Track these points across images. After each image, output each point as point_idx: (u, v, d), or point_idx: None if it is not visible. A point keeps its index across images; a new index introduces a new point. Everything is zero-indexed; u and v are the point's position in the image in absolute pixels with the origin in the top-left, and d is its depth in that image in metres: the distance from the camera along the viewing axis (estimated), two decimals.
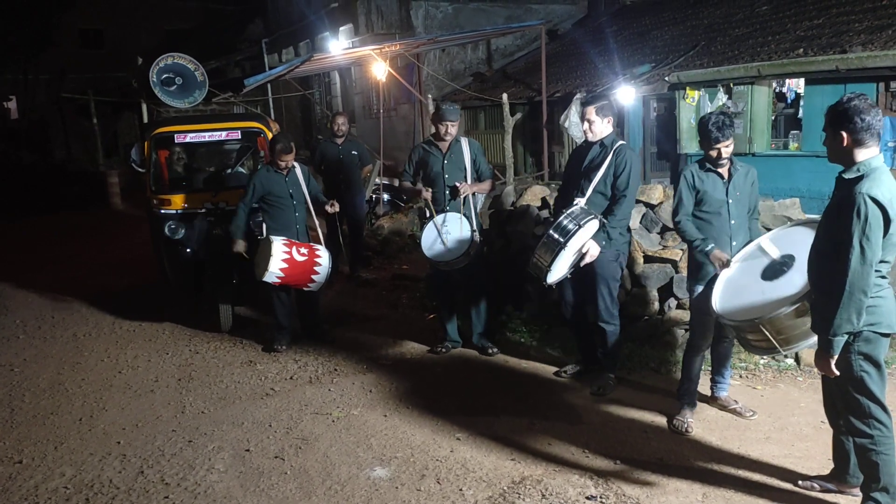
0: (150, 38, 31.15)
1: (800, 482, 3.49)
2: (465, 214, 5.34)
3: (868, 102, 2.89)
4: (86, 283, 8.62)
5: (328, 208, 5.89)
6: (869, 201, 2.80)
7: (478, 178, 5.52)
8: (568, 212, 4.37)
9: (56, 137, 26.27)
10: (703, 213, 4.09)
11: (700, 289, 4.13)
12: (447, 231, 5.31)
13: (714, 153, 4.01)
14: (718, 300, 3.78)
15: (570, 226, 4.30)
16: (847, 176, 2.93)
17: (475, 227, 5.31)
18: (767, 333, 3.31)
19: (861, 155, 2.90)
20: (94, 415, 4.78)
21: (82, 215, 15.00)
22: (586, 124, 4.60)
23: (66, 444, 4.36)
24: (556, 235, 4.31)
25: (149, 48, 26.74)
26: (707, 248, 3.97)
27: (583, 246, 4.44)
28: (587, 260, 4.49)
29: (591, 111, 4.56)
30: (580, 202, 4.48)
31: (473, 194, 5.50)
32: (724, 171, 4.11)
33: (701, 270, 4.12)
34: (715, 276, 3.95)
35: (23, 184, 16.85)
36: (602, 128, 4.59)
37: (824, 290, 3.00)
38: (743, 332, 3.59)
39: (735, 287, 3.79)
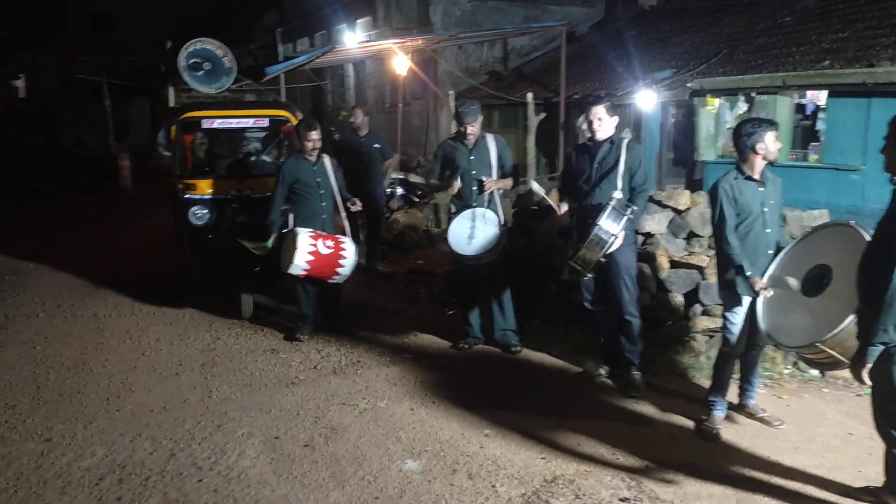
0: (160, 24, 31.10)
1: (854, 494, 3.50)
2: (492, 209, 5.35)
3: None
4: (100, 267, 8.60)
5: (350, 206, 5.89)
6: None
7: (503, 174, 5.54)
8: (612, 206, 4.45)
9: (65, 120, 26.22)
10: (742, 225, 4.09)
11: (739, 298, 4.13)
12: (475, 226, 5.32)
13: (772, 142, 4.00)
14: (769, 327, 3.78)
15: (616, 220, 4.42)
16: None
17: (503, 222, 5.34)
18: (831, 351, 3.31)
19: None
20: (122, 395, 4.80)
21: (93, 199, 14.97)
22: (596, 122, 4.71)
23: (96, 423, 4.37)
24: (603, 233, 4.41)
25: (158, 34, 26.72)
26: (749, 273, 3.99)
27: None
28: (614, 247, 4.54)
29: (600, 110, 4.69)
30: (617, 195, 4.56)
31: (499, 189, 5.51)
32: (760, 176, 4.12)
33: (735, 282, 4.13)
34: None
35: (32, 167, 16.76)
36: (610, 125, 4.73)
37: (868, 299, 3.02)
38: (803, 353, 3.60)
39: (780, 308, 3.78)
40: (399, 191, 11.41)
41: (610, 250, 4.52)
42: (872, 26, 9.02)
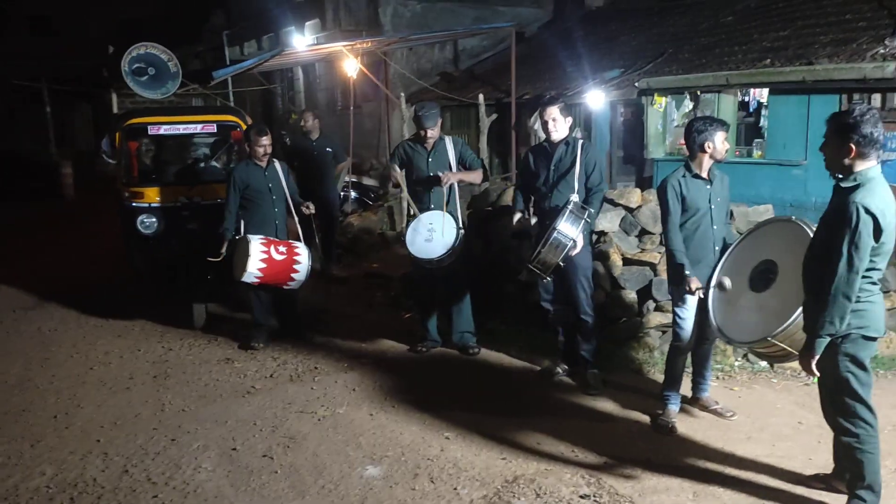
0: (101, 26, 30.25)
1: (805, 481, 3.59)
2: (449, 211, 5.34)
3: (876, 115, 2.98)
4: (45, 277, 8.34)
5: (304, 209, 5.82)
6: (862, 211, 2.90)
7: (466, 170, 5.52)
8: (569, 210, 4.46)
9: (4, 126, 25.36)
10: (689, 221, 4.17)
11: (684, 294, 4.22)
12: (433, 228, 5.31)
13: (720, 142, 4.09)
14: (720, 323, 3.87)
15: (574, 224, 4.44)
16: (844, 184, 3.03)
17: (460, 225, 5.33)
18: (781, 344, 3.40)
19: (860, 166, 2.99)
20: (70, 412, 4.65)
21: (35, 206, 14.49)
22: (551, 124, 4.74)
23: (44, 441, 4.23)
24: (562, 236, 4.42)
25: (101, 37, 25.96)
26: (688, 272, 4.05)
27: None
28: (575, 251, 4.57)
29: (554, 111, 4.72)
30: (574, 198, 4.59)
31: (458, 184, 5.50)
32: (707, 174, 4.21)
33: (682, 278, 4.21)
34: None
35: None
36: (565, 126, 4.77)
37: (814, 292, 3.11)
38: (755, 347, 3.69)
39: (729, 304, 3.88)
40: (353, 194, 11.34)
41: (570, 253, 4.54)
42: (811, 25, 9.32)
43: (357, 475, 3.79)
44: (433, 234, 5.28)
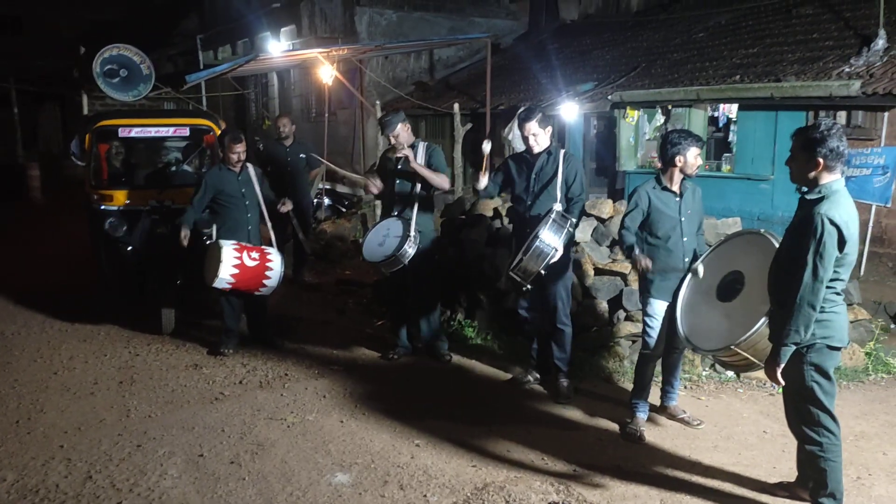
0: (72, 27, 29.81)
1: (770, 489, 3.64)
2: (403, 217, 5.30)
3: (840, 130, 3.06)
4: (8, 281, 8.16)
5: (280, 207, 5.78)
6: (826, 222, 2.98)
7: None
8: (552, 219, 4.46)
9: None
10: (659, 232, 4.23)
11: (652, 302, 4.27)
12: (386, 234, 5.30)
13: (692, 157, 4.15)
14: (686, 331, 3.92)
15: (556, 232, 4.43)
16: (809, 197, 3.10)
17: (410, 232, 5.18)
18: (744, 353, 3.45)
19: (825, 178, 3.07)
20: (32, 417, 4.55)
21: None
22: (532, 139, 4.72)
23: (5, 447, 4.13)
24: (544, 245, 4.39)
25: (71, 38, 25.62)
26: (636, 252, 4.11)
27: None
28: (555, 259, 4.54)
29: (534, 126, 4.69)
30: (557, 207, 4.59)
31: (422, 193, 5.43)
32: (677, 187, 4.27)
33: (652, 285, 4.27)
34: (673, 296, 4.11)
35: None
36: (546, 137, 4.78)
37: (780, 302, 3.17)
38: (718, 356, 3.73)
39: (696, 313, 3.94)
40: (326, 201, 11.30)
41: (551, 262, 4.51)
42: (779, 43, 9.52)
43: (326, 482, 3.76)
44: (387, 238, 5.28)
